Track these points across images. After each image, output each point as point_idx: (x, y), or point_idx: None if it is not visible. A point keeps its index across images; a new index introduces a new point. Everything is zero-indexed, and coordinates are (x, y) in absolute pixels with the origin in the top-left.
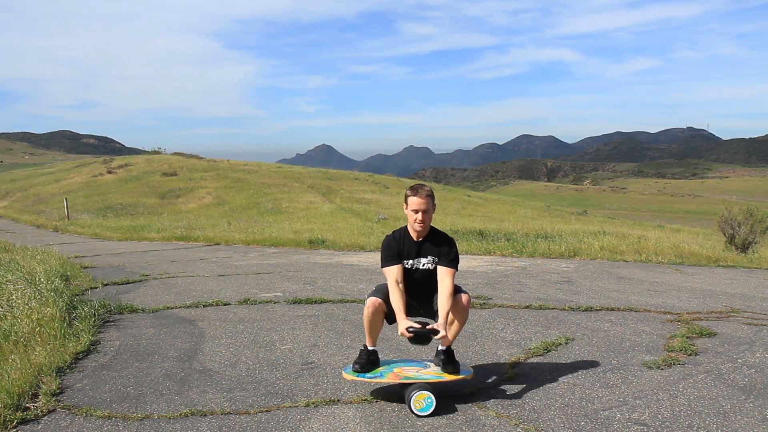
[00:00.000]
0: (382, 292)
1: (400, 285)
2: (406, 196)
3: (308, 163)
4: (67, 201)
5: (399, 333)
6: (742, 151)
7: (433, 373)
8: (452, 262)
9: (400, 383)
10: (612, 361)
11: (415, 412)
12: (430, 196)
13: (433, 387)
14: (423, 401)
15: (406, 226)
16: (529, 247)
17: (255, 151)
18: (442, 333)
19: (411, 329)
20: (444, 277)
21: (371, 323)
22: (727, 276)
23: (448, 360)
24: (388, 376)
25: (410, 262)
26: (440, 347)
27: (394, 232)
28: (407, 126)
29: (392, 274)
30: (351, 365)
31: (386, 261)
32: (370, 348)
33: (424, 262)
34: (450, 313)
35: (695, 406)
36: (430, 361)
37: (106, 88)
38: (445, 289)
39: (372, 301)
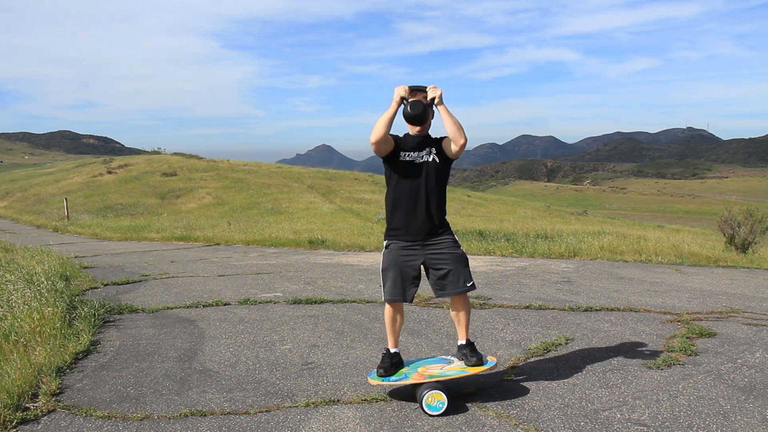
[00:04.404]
0: (395, 291)
1: None
2: None
3: (308, 164)
4: (67, 201)
5: (396, 95)
6: (742, 151)
7: (457, 368)
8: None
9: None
10: (612, 361)
11: (427, 411)
12: (428, 106)
13: (445, 387)
14: (435, 401)
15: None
16: (529, 247)
17: (255, 151)
18: (436, 93)
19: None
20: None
21: (392, 324)
22: (727, 276)
23: (471, 353)
24: (412, 377)
25: (411, 154)
26: (460, 341)
27: None
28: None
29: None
30: (375, 370)
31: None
32: (392, 351)
33: (423, 155)
34: (453, 309)
35: (695, 407)
36: (453, 356)
37: (106, 88)
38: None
39: (391, 307)
